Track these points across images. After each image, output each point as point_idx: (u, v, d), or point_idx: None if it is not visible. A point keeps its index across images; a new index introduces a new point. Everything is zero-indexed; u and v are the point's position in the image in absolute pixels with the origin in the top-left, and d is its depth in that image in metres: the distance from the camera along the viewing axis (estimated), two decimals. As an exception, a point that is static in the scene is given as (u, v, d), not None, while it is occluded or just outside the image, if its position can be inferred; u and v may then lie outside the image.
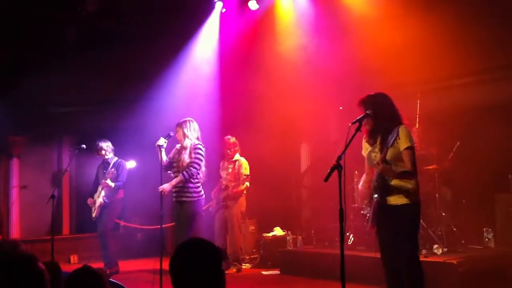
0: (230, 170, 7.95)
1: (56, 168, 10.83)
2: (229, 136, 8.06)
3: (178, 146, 6.75)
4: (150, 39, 9.36)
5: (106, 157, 7.96)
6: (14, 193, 10.20)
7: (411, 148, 4.29)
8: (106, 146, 7.97)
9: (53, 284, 2.27)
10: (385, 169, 4.24)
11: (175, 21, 9.01)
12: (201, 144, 6.55)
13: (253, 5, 8.81)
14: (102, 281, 2.49)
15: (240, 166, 7.94)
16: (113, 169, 7.73)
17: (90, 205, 7.91)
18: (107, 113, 9.85)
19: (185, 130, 6.62)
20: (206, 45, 9.41)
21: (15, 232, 10.05)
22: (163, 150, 6.20)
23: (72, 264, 9.38)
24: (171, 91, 9.15)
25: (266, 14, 8.95)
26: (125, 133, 8.70)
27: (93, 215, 7.87)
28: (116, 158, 7.98)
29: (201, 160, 6.50)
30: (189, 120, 6.71)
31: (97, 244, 8.19)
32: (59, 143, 10.95)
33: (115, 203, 7.87)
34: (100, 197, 7.79)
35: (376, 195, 4.34)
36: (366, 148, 4.56)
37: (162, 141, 6.16)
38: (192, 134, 6.62)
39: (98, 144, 7.95)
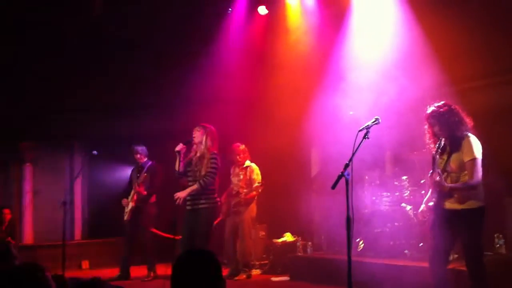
0: (241, 177, 7.96)
1: (69, 174, 10.90)
2: (238, 144, 8.09)
3: (193, 150, 6.67)
4: (163, 45, 9.40)
5: (141, 161, 8.06)
6: (27, 198, 10.29)
7: (474, 160, 4.38)
8: (141, 150, 8.09)
9: None
10: (442, 189, 4.35)
11: (189, 27, 9.03)
12: (216, 153, 6.57)
13: (262, 10, 8.84)
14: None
15: (252, 172, 7.95)
16: (146, 174, 7.83)
17: (124, 205, 8.00)
18: (120, 119, 9.91)
19: (208, 138, 6.53)
20: (216, 49, 9.42)
21: (27, 238, 10.13)
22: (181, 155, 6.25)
23: (83, 269, 9.42)
24: (183, 96, 9.18)
25: (276, 18, 8.97)
26: (138, 139, 8.73)
27: (125, 217, 7.94)
28: (150, 163, 8.06)
29: (217, 169, 6.53)
30: (211, 127, 6.66)
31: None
32: (71, 148, 11.02)
33: (147, 208, 7.95)
34: (132, 201, 7.87)
35: (434, 199, 4.45)
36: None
37: (181, 147, 6.20)
38: (212, 143, 6.60)
39: (134, 148, 8.10)
